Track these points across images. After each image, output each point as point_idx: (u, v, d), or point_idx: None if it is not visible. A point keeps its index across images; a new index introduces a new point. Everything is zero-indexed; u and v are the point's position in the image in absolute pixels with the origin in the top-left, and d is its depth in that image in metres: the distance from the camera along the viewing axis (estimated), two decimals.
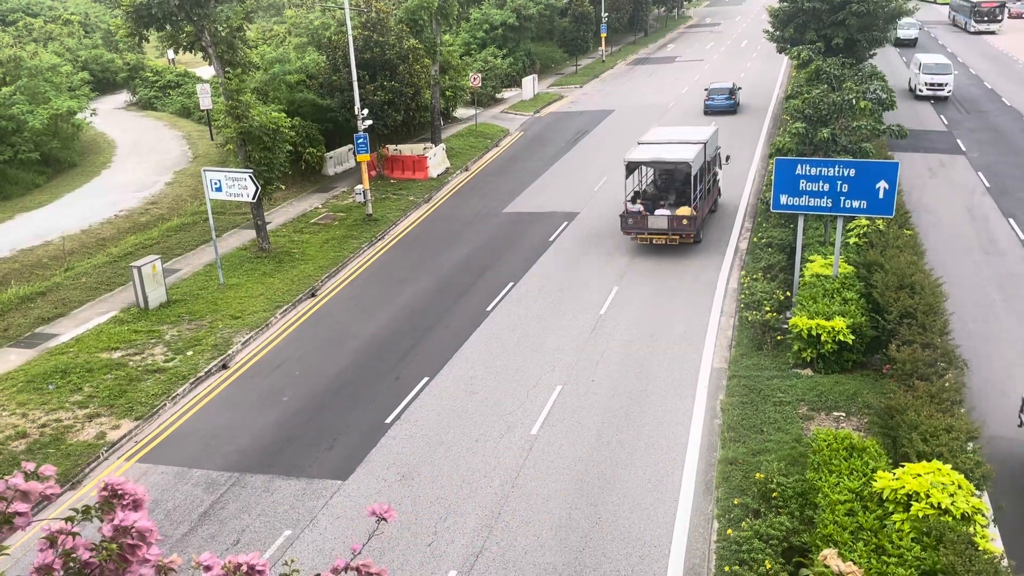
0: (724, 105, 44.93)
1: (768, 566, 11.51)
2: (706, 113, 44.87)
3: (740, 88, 46.75)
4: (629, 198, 27.18)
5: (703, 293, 23.42)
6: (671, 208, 26.87)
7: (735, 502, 13.86)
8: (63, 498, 15.92)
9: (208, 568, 2.44)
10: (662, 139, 28.87)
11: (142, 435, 18.22)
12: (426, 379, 19.69)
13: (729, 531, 12.97)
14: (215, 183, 25.61)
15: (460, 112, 49.19)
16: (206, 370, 20.72)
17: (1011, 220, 27.60)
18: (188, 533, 14.83)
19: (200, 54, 29.08)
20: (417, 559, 13.72)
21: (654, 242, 26.28)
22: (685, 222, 25.90)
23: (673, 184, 29.29)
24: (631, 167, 27.25)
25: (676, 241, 26.13)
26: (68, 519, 2.33)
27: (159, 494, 15.98)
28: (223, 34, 27.41)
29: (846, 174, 19.52)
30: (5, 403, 19.21)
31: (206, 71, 52.20)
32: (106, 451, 17.52)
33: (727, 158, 31.60)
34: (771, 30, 47.29)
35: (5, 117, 34.92)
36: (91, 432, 18.09)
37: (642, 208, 26.78)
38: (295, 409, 18.89)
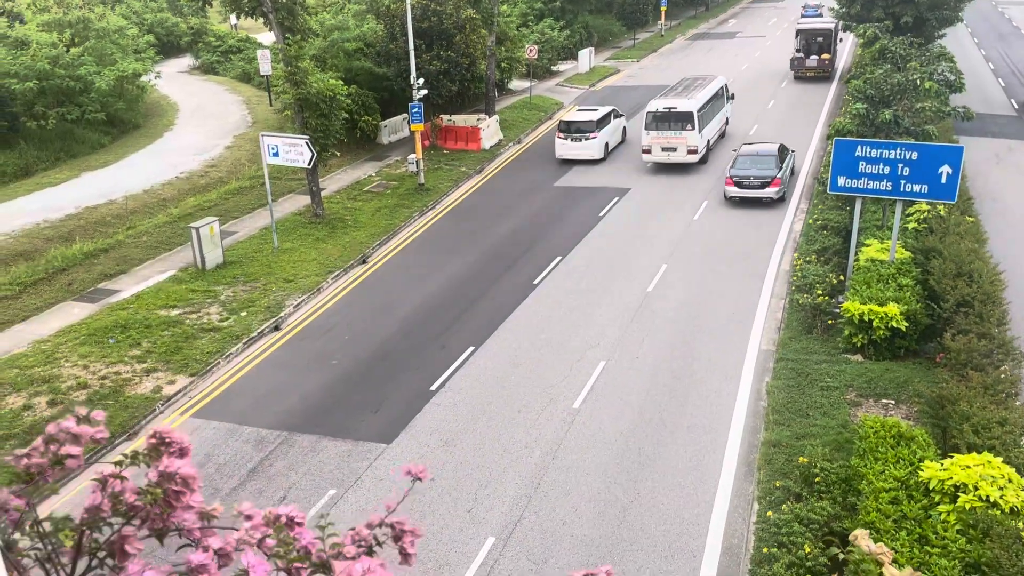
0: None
1: (807, 550, 11.44)
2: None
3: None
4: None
5: (754, 274, 23.11)
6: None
7: (776, 484, 13.77)
8: (121, 448, 16.55)
9: (249, 517, 2.55)
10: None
11: (196, 391, 18.79)
12: (472, 348, 19.87)
13: (769, 513, 12.91)
14: (272, 148, 26.01)
15: (515, 84, 48.95)
16: (259, 331, 21.22)
17: None
18: (237, 487, 15.31)
19: (261, 20, 29.41)
20: (456, 524, 13.96)
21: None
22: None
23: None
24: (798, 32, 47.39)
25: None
26: (117, 463, 2.46)
27: (211, 448, 16.51)
28: (283, 0, 27.65)
29: (908, 157, 18.97)
30: (68, 354, 19.97)
31: (267, 37, 52.77)
32: (162, 405, 18.13)
33: None
34: (837, 7, 45.90)
35: (73, 77, 35.86)
36: (148, 386, 18.72)
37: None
38: (343, 372, 19.26)
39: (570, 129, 34.08)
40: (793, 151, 31.12)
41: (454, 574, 12.93)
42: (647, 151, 32.33)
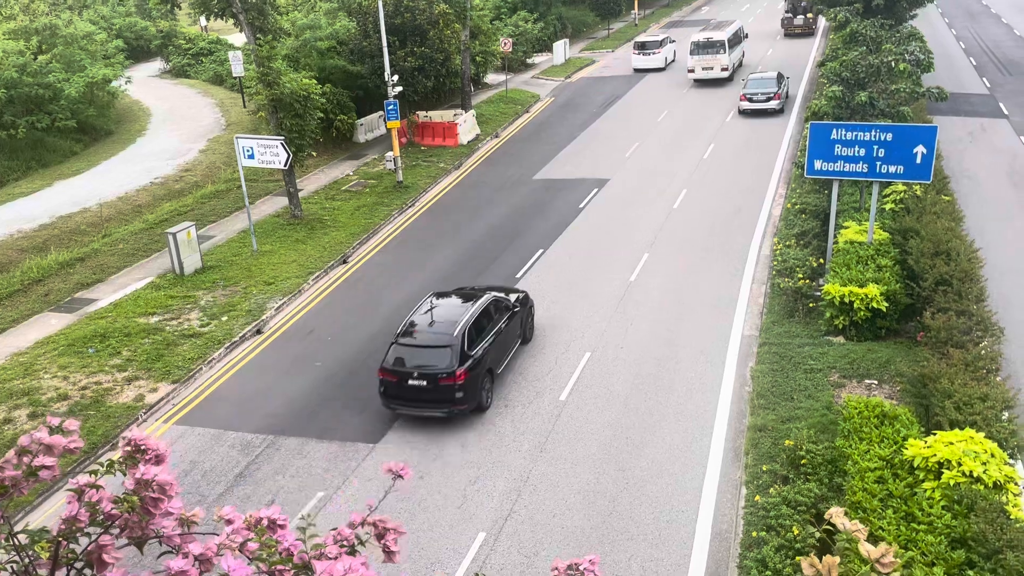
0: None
1: (796, 532, 11.51)
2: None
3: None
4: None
5: (735, 259, 23.21)
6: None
7: (764, 468, 13.85)
8: (104, 458, 16.36)
9: (230, 522, 2.51)
10: None
11: (179, 398, 18.63)
12: None
13: (757, 497, 12.98)
14: (247, 150, 25.80)
15: (490, 78, 48.83)
16: (240, 335, 21.06)
17: None
18: (224, 493, 15.20)
19: (231, 21, 29.14)
20: (447, 521, 13.94)
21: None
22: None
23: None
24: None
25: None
26: (92, 472, 2.41)
27: (196, 455, 16.37)
28: (253, 0, 27.41)
29: (883, 138, 19.10)
30: (47, 366, 19.73)
31: (238, 38, 52.34)
32: (144, 413, 17.96)
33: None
34: None
35: (42, 85, 35.39)
36: (130, 394, 18.53)
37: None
38: (327, 374, 19.16)
39: (644, 47, 49.35)
40: (788, 77, 40.56)
41: (446, 570, 12.91)
42: (691, 70, 44.16)
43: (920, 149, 18.78)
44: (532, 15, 56.38)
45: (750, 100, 37.26)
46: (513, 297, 19.20)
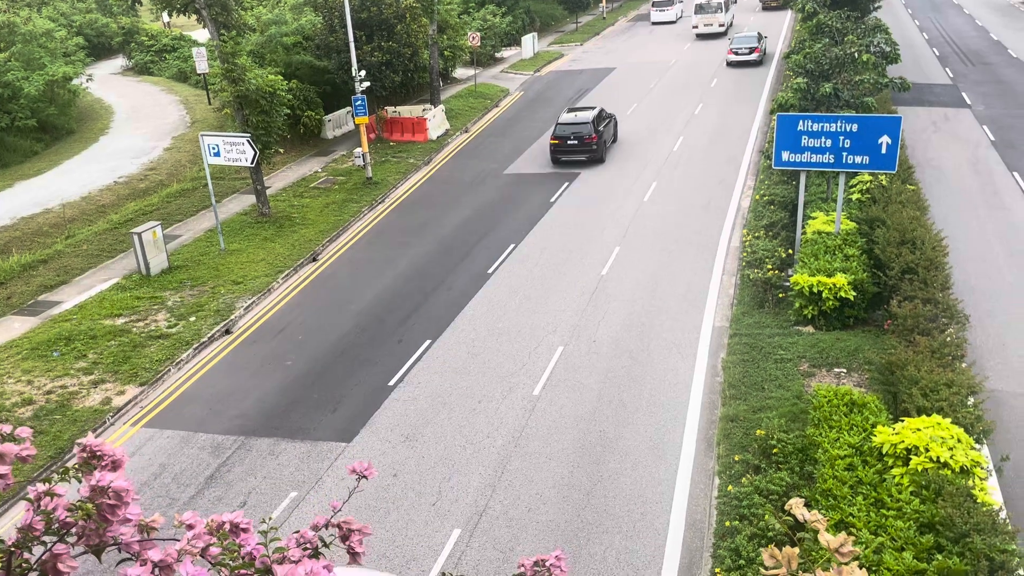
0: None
1: (768, 520, 11.62)
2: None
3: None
4: None
5: (705, 252, 23.36)
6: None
7: (736, 458, 13.96)
8: (71, 463, 16.09)
9: (191, 527, 2.44)
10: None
11: (147, 400, 18.36)
12: (428, 342, 19.75)
13: (730, 487, 13.08)
14: (213, 148, 25.46)
15: (459, 72, 48.66)
16: (209, 335, 20.80)
17: (1015, 174, 27.36)
18: (195, 496, 15.01)
19: (194, 16, 28.72)
20: (422, 518, 13.88)
21: None
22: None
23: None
24: None
25: None
26: (46, 480, 2.33)
27: (166, 458, 16.15)
28: None
29: (848, 129, 19.30)
30: (10, 371, 19.34)
31: (201, 34, 51.60)
32: (112, 416, 17.67)
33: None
34: None
35: (1, 84, 34.64)
36: (96, 398, 18.23)
37: None
38: (299, 373, 18.99)
39: (659, 4, 61.80)
40: (766, 36, 48.36)
41: (421, 567, 12.86)
42: (695, 27, 55.11)
43: (885, 139, 19.00)
44: (500, 9, 56.27)
45: (736, 54, 45.57)
46: (611, 110, 34.65)
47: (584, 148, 30.99)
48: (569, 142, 31.15)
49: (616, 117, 34.63)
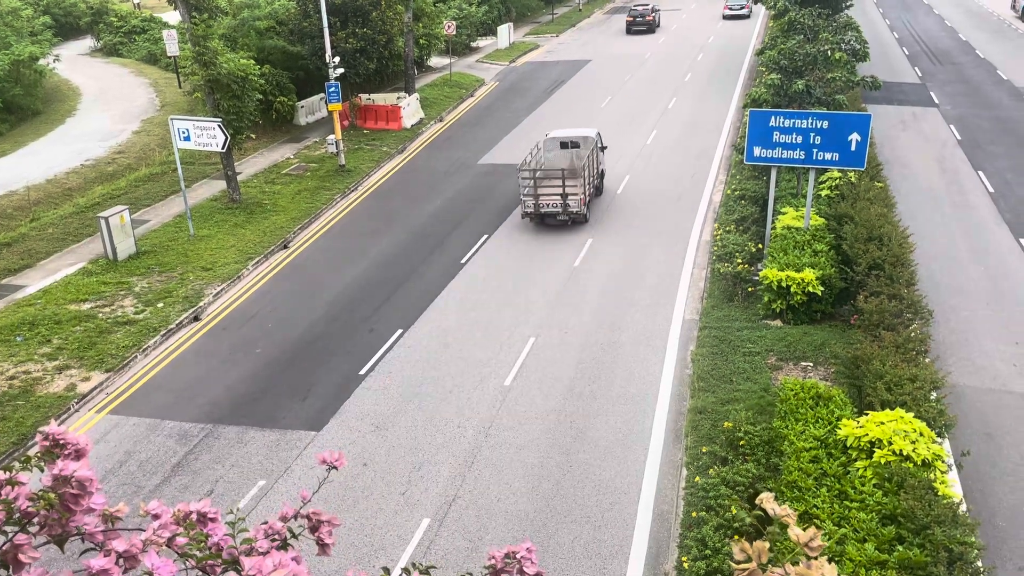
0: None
1: (734, 511, 11.76)
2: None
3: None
4: None
5: (676, 245, 23.50)
6: None
7: (703, 450, 14.09)
8: (33, 451, 15.83)
9: (157, 516, 2.42)
10: None
11: (113, 387, 18.11)
12: (400, 331, 19.68)
13: (697, 478, 13.21)
14: (183, 132, 25.10)
15: (434, 61, 48.39)
16: (177, 322, 20.55)
17: (980, 173, 27.83)
18: (162, 483, 14.85)
19: None
20: (391, 507, 13.86)
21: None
22: None
23: None
24: None
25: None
26: (6, 468, 2.29)
27: (131, 445, 15.95)
28: None
29: (819, 126, 19.50)
30: None
31: (172, 16, 50.76)
32: (76, 403, 17.41)
33: None
34: None
35: None
36: (61, 384, 17.95)
37: None
38: (268, 361, 18.84)
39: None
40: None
41: (390, 557, 12.85)
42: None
43: (855, 136, 19.23)
44: None
45: (731, 9, 58.13)
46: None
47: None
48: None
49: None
